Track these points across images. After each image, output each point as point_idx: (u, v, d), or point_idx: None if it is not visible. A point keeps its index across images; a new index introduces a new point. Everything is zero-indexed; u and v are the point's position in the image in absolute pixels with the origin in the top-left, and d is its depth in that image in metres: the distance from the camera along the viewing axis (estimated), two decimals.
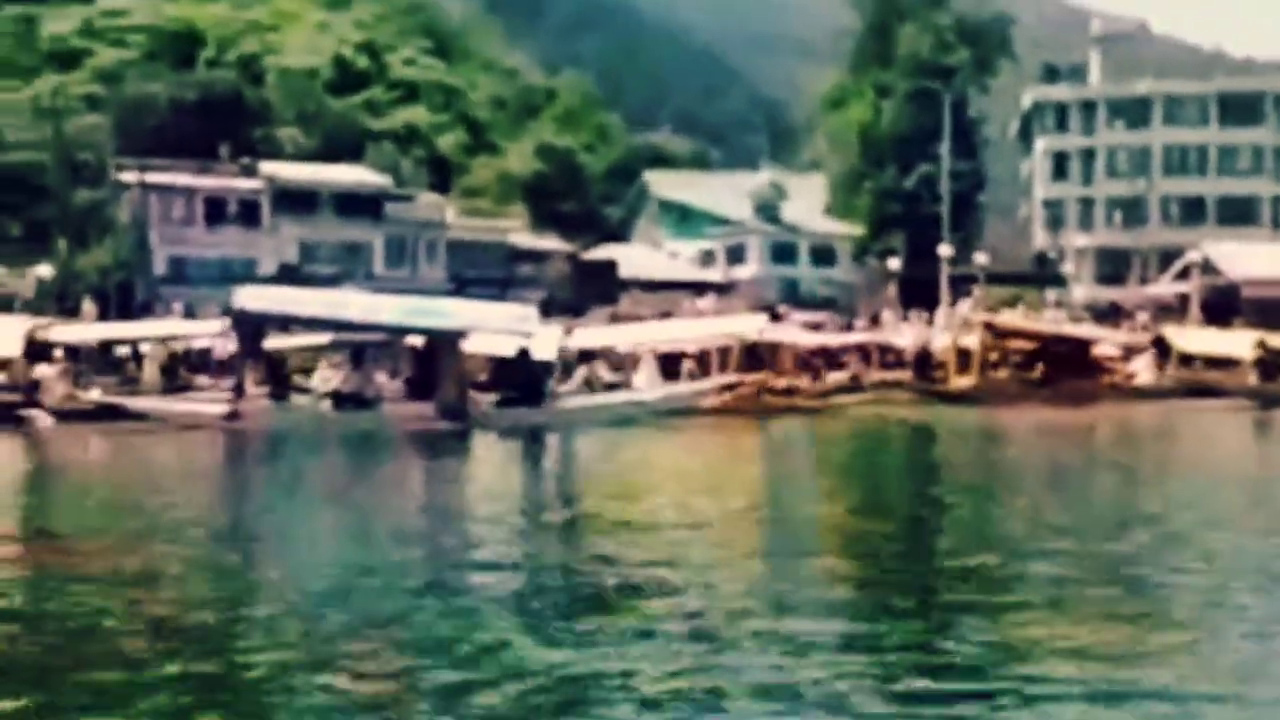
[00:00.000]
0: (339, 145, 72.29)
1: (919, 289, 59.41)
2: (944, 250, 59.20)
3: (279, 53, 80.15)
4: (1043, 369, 35.09)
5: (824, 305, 62.58)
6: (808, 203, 75.23)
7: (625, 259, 68.32)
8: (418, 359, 26.32)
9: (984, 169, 78.04)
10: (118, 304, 51.47)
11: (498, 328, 24.43)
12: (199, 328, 36.96)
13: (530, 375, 24.40)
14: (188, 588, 8.07)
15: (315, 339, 29.85)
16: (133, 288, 57.28)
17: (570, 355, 29.41)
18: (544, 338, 25.76)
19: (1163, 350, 36.90)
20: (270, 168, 64.59)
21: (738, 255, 72.49)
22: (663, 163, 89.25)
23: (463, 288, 56.23)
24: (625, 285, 62.79)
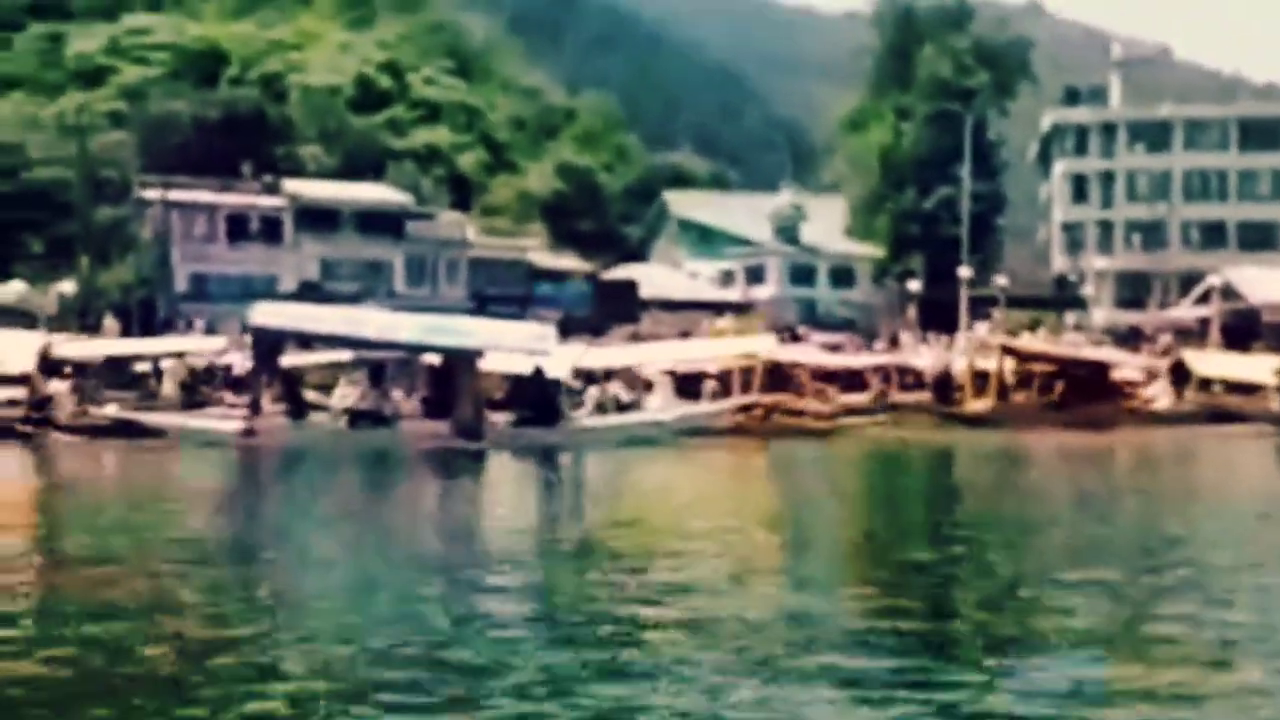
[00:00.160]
0: (361, 164, 72.64)
1: (938, 311, 59.37)
2: (964, 272, 59.12)
3: (302, 71, 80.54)
4: (1061, 392, 34.93)
5: (843, 327, 62.59)
6: (827, 224, 75.27)
7: (645, 279, 68.39)
8: (434, 377, 26.35)
9: (1003, 191, 78.04)
10: (140, 320, 51.70)
11: (514, 347, 24.44)
12: (204, 344, 37.12)
13: (546, 395, 24.39)
14: (206, 617, 7.77)
15: (336, 356, 29.97)
16: (154, 304, 57.52)
17: (583, 375, 29.38)
18: (560, 357, 25.75)
19: (1182, 375, 36.67)
20: (292, 186, 64.91)
21: (757, 276, 72.57)
22: (682, 183, 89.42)
23: (483, 306, 56.38)
24: (645, 305, 62.84)
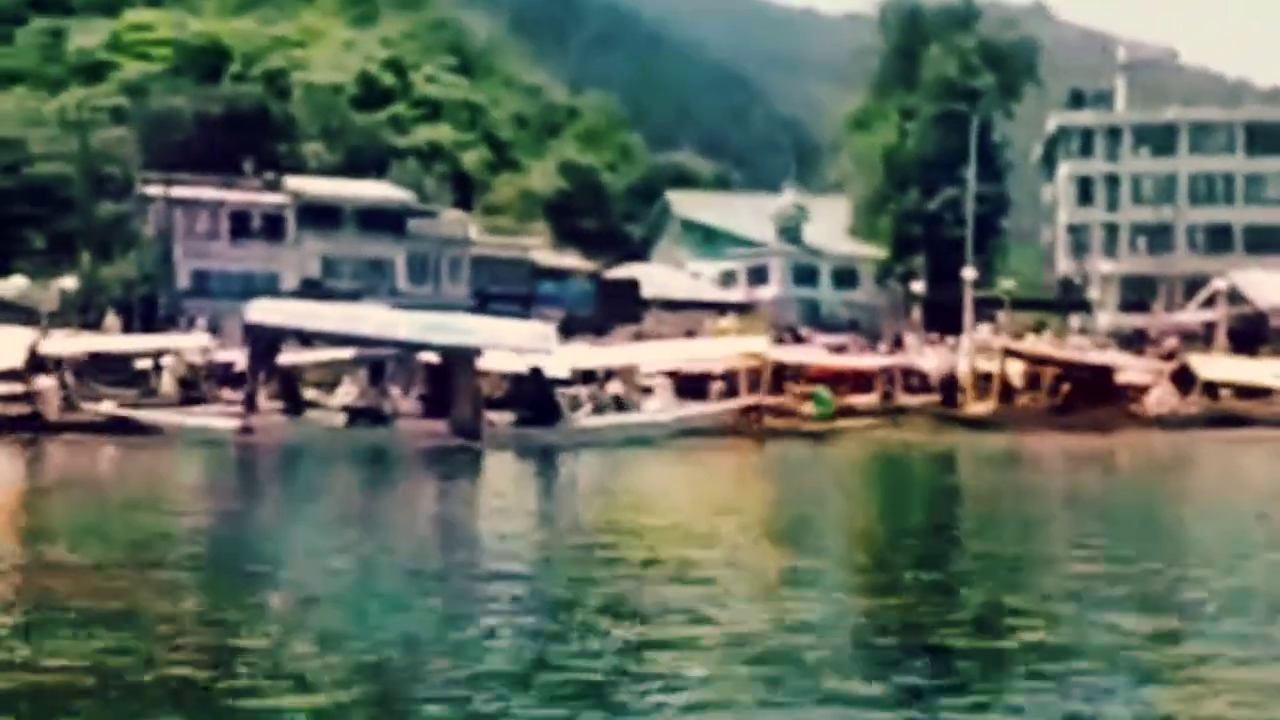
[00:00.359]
0: (363, 161, 72.51)
1: (941, 312, 59.14)
2: (968, 274, 58.83)
3: (305, 68, 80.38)
4: (1064, 396, 34.70)
5: (846, 328, 62.37)
6: (830, 225, 75.12)
7: (648, 278, 68.26)
8: (433, 375, 26.18)
9: (1007, 193, 77.89)
10: (141, 317, 51.54)
11: (513, 345, 24.19)
12: (189, 340, 36.93)
13: (544, 394, 24.20)
14: (206, 624, 7.34)
15: (339, 354, 29.77)
16: (156, 301, 57.34)
17: (580, 375, 29.14)
18: (560, 356, 25.52)
19: (1187, 379, 36.38)
20: (295, 183, 64.77)
21: (760, 276, 72.41)
22: (685, 183, 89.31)
23: (485, 304, 56.22)
24: (647, 305, 62.67)
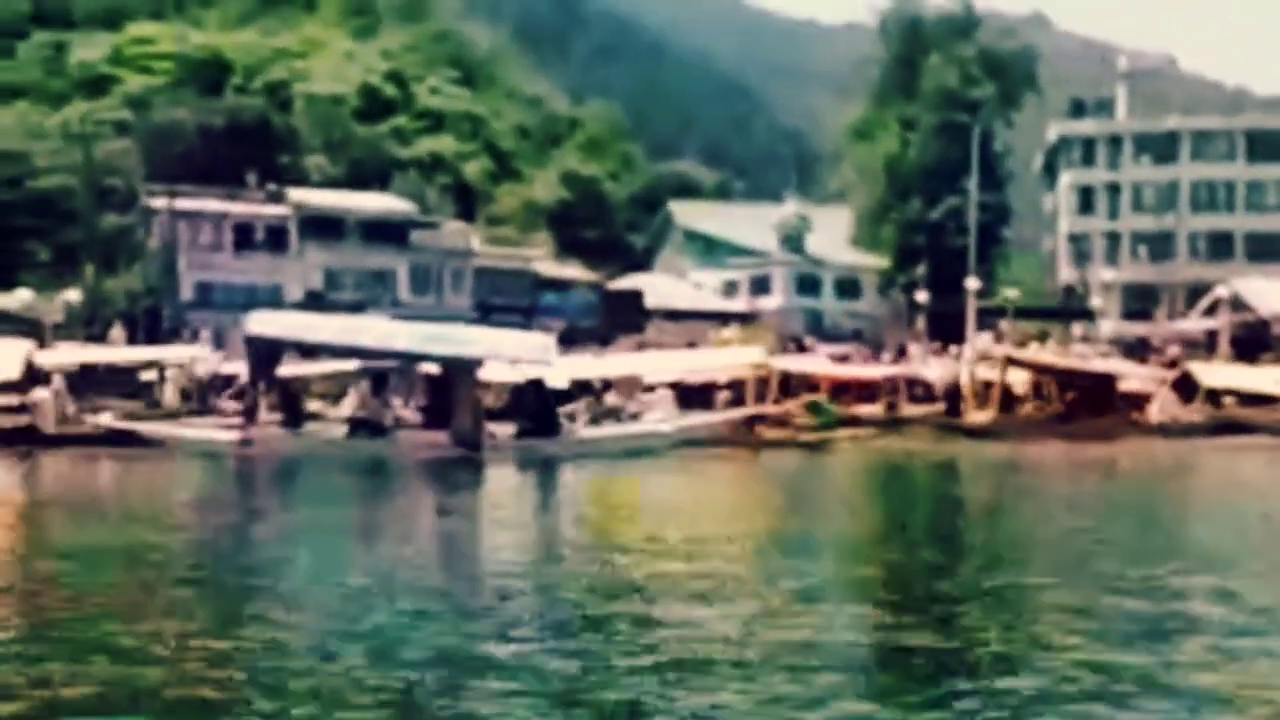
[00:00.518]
0: (365, 173, 72.68)
1: (944, 322, 59.16)
2: (971, 283, 58.88)
3: (306, 80, 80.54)
4: (1066, 404, 34.67)
5: (849, 338, 62.34)
6: (832, 234, 75.17)
7: (651, 288, 68.26)
8: (433, 386, 26.13)
9: (1008, 203, 78.01)
10: (145, 329, 51.63)
11: (513, 356, 24.16)
12: (182, 352, 37.06)
13: (545, 405, 24.12)
14: (213, 649, 7.06)
15: (343, 366, 29.84)
16: (160, 313, 57.44)
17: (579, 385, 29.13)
18: (560, 367, 25.49)
19: (1189, 386, 36.30)
20: (298, 194, 64.90)
21: (762, 286, 72.44)
22: (687, 192, 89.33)
23: (487, 315, 56.30)
24: (650, 315, 62.69)
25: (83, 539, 12.50)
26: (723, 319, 62.99)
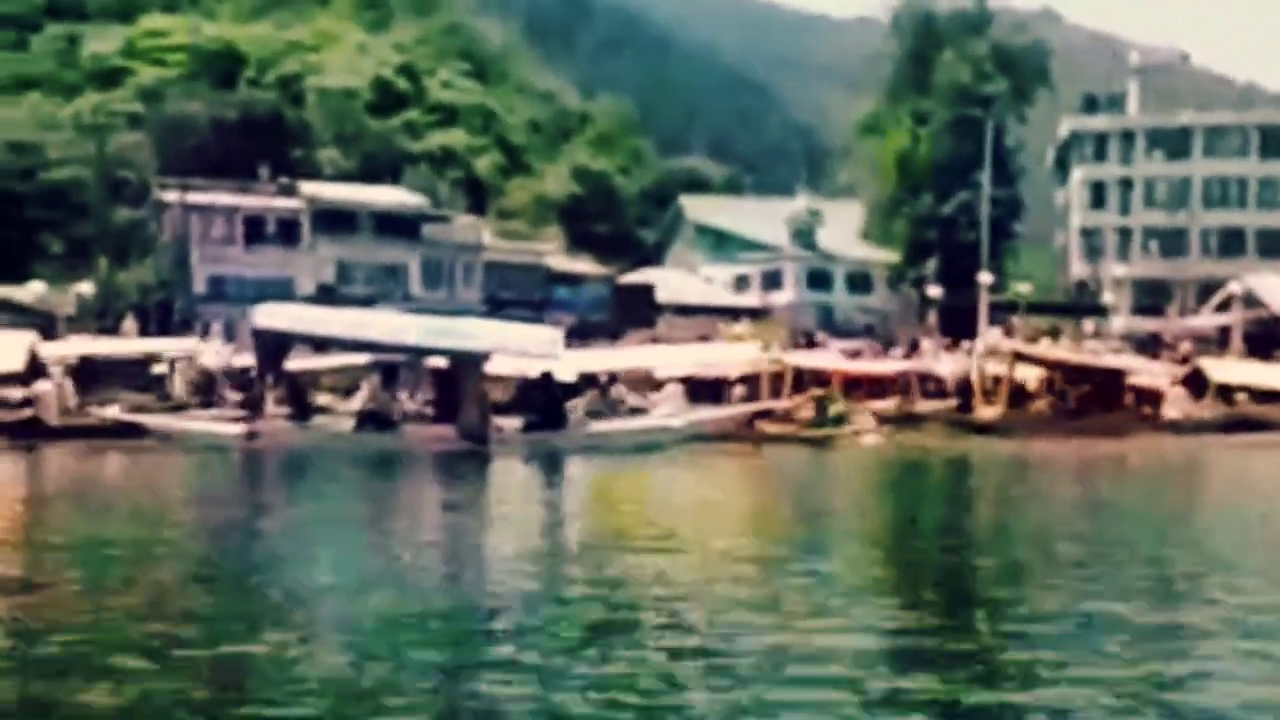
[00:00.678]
0: (377, 167, 72.76)
1: (956, 317, 59.07)
2: (984, 278, 58.81)
3: (319, 73, 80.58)
4: (1076, 400, 34.54)
5: (860, 333, 62.31)
6: (843, 229, 75.13)
7: (662, 283, 68.27)
8: (440, 380, 26.09)
9: (1020, 197, 77.85)
10: (158, 322, 51.70)
11: (521, 350, 24.11)
12: (178, 345, 37.03)
13: (553, 399, 24.08)
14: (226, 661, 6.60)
15: (356, 359, 29.83)
16: (172, 306, 57.55)
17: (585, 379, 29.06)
18: (569, 361, 25.46)
19: (1200, 382, 36.14)
20: (310, 188, 64.97)
21: (774, 281, 72.44)
22: (697, 187, 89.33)
23: (499, 309, 56.32)
24: (661, 310, 62.69)
25: (74, 533, 12.07)
26: (734, 314, 62.96)
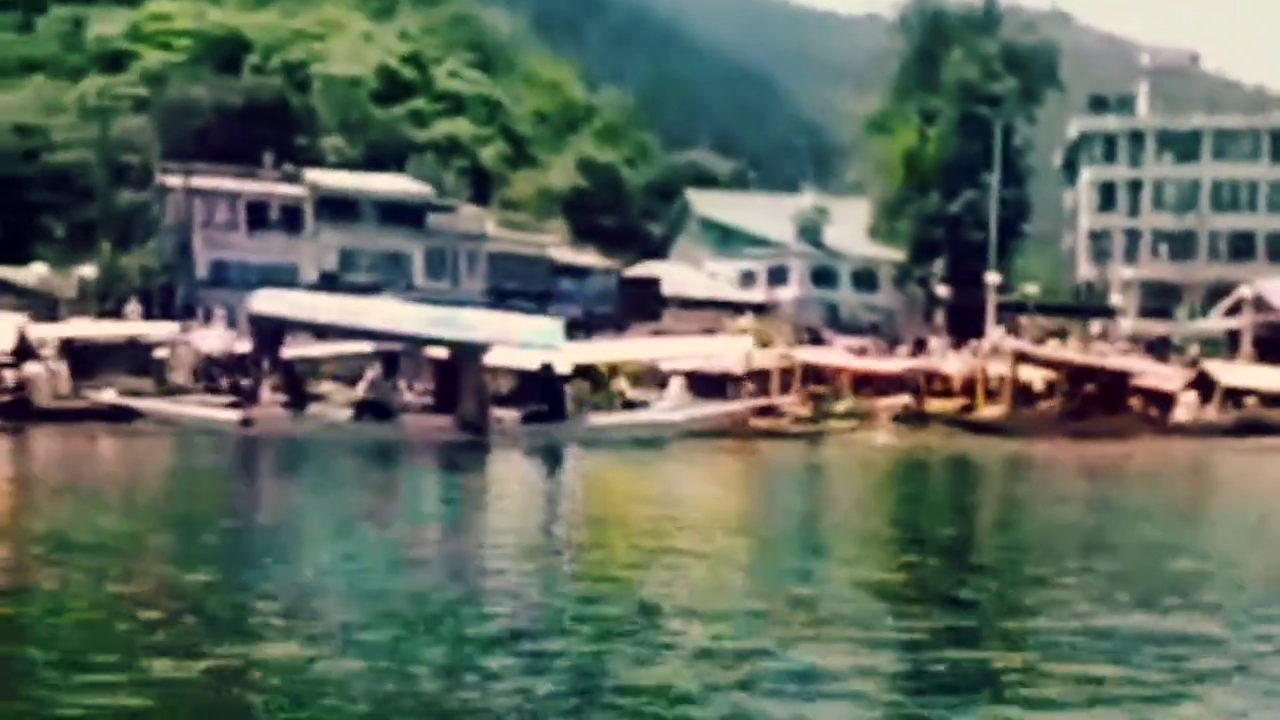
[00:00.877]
0: (382, 155, 72.41)
1: (962, 316, 58.87)
2: (991, 278, 58.55)
3: (324, 61, 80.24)
4: (1079, 401, 34.28)
5: (865, 330, 62.05)
6: (849, 226, 74.88)
7: (668, 276, 68.03)
8: (440, 370, 25.89)
9: (1028, 198, 77.59)
10: (161, 306, 51.42)
11: (520, 341, 23.81)
12: (159, 329, 36.85)
13: (553, 390, 23.88)
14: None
15: (359, 347, 29.54)
16: (174, 290, 57.25)
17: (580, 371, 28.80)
18: (568, 352, 25.19)
19: (1206, 385, 35.86)
20: (314, 174, 64.73)
21: (779, 277, 72.17)
22: (703, 181, 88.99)
23: (503, 300, 56.00)
24: (666, 303, 62.45)
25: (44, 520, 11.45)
26: (739, 309, 62.65)
